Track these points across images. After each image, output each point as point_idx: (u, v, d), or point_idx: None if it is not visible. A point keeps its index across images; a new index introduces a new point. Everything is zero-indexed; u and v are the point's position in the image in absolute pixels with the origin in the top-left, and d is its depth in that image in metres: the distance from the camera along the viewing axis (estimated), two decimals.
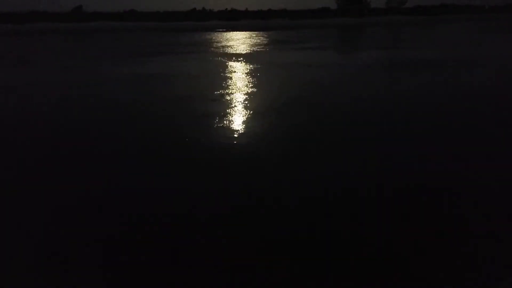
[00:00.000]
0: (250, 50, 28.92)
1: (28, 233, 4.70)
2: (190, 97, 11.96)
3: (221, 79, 15.37)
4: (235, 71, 17.45)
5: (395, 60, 20.26)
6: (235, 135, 8.06)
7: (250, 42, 39.86)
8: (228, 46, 33.37)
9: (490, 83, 13.24)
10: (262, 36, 50.50)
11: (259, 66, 19.18)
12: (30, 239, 4.58)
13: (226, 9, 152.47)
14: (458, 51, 24.27)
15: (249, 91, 12.78)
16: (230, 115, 9.65)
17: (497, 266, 3.81)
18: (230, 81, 14.74)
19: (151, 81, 15.32)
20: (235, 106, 10.61)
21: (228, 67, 19.08)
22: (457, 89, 12.28)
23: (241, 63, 20.76)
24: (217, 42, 41.03)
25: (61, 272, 3.92)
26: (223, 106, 10.59)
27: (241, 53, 26.21)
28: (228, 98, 11.72)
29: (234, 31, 73.07)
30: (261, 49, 29.53)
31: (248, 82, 14.60)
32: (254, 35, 53.35)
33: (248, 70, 17.71)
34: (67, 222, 4.93)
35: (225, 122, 9.03)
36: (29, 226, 4.87)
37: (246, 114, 9.78)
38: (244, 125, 8.89)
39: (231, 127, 8.58)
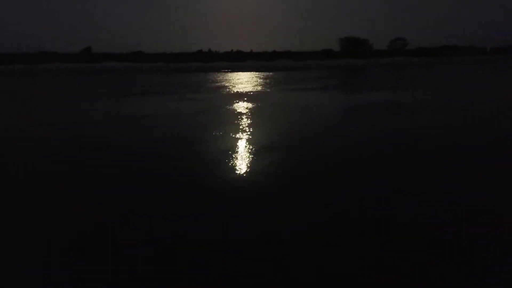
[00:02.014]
0: (252, 90, 28.38)
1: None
2: (169, 139, 10.87)
3: (220, 118, 14.41)
4: (236, 111, 16.50)
5: (386, 102, 19.40)
6: (237, 172, 6.97)
7: (252, 82, 39.62)
8: (231, 86, 32.96)
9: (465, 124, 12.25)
10: (266, 77, 50.59)
11: (259, 105, 18.29)
12: None
13: (232, 50, 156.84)
14: (446, 93, 23.64)
15: (245, 131, 11.68)
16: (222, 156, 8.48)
17: None
18: (229, 121, 13.76)
19: (151, 121, 14.42)
20: (228, 146, 9.46)
21: (229, 106, 18.21)
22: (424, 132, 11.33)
23: (243, 102, 19.95)
24: (220, 82, 40.83)
25: None
26: (215, 147, 9.44)
27: (243, 93, 25.58)
28: (224, 138, 10.61)
29: (239, 71, 73.96)
30: (263, 89, 28.94)
31: (245, 122, 13.58)
32: (258, 76, 53.56)
33: (248, 110, 16.79)
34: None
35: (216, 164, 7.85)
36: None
37: (237, 155, 8.60)
38: (240, 164, 7.72)
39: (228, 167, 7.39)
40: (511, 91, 24.89)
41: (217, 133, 12.03)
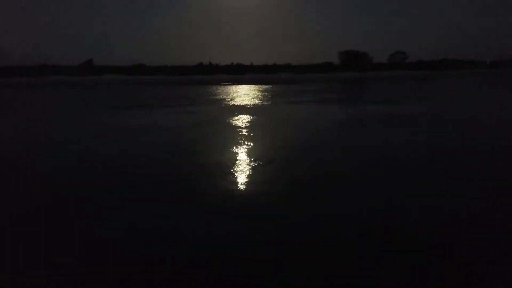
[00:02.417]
0: (251, 103, 28.15)
1: None
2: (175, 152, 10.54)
3: (216, 131, 14.12)
4: (233, 124, 16.20)
5: (382, 115, 19.12)
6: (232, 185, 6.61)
7: (252, 95, 39.47)
8: (230, 99, 32.73)
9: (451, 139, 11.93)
10: (266, 90, 50.47)
11: (257, 118, 17.99)
12: None
13: (232, 63, 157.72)
14: (440, 106, 23.51)
15: (241, 144, 11.34)
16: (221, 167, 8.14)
17: None
18: (225, 134, 13.46)
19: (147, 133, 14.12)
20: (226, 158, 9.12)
21: (227, 119, 17.92)
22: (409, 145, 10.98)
23: (241, 115, 19.62)
24: (219, 95, 40.68)
25: None
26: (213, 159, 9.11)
27: (241, 106, 25.31)
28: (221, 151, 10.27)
29: (239, 84, 74.09)
30: (262, 102, 28.68)
31: (241, 135, 13.24)
32: (258, 89, 53.46)
33: (246, 123, 16.48)
34: None
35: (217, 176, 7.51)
36: None
37: (234, 167, 8.26)
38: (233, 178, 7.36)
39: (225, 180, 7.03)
40: (503, 105, 24.70)
41: (212, 147, 11.73)
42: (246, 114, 20.94)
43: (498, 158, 9.94)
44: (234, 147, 11.60)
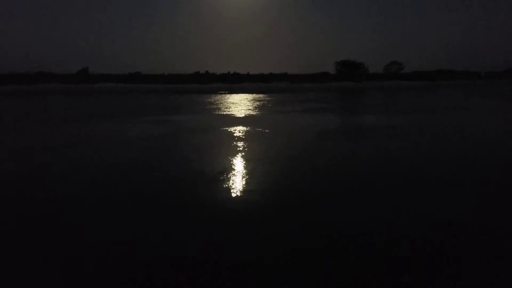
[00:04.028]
0: (245, 112, 27.93)
1: None
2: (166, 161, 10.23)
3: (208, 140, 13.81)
4: (228, 133, 15.89)
5: (375, 125, 18.85)
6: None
7: (247, 104, 39.27)
8: (225, 108, 32.47)
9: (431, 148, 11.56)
10: (262, 99, 50.22)
11: (251, 126, 17.72)
12: None
13: (229, 72, 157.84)
14: (433, 117, 23.28)
15: (236, 152, 11.03)
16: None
17: None
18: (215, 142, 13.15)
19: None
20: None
21: (219, 126, 17.60)
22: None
23: (235, 125, 19.35)
24: (213, 104, 40.43)
25: None
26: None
27: (235, 115, 25.07)
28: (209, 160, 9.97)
29: (235, 93, 74.00)
30: (257, 111, 28.42)
31: (236, 144, 12.95)
32: (254, 98, 53.27)
33: (240, 133, 16.20)
34: None
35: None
36: None
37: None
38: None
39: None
40: (491, 116, 24.52)
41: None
42: (241, 123, 20.65)
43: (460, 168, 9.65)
44: (194, 159, 11.29)
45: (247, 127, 18.64)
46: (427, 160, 10.84)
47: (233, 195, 7.73)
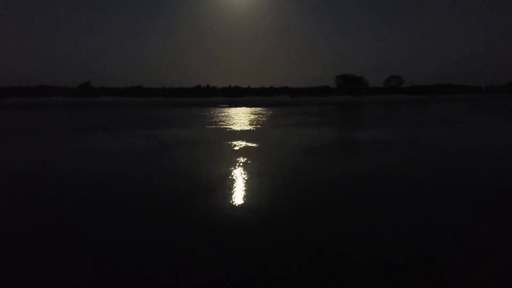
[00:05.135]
0: (247, 125, 27.91)
1: None
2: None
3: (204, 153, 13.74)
4: (226, 147, 15.84)
5: (374, 140, 18.76)
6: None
7: (243, 117, 39.33)
8: (219, 122, 32.50)
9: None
10: (263, 112, 50.32)
11: (253, 140, 17.67)
12: None
13: (230, 86, 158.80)
14: (429, 131, 23.10)
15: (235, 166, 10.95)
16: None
17: None
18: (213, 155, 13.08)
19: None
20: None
21: (206, 140, 17.56)
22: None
23: (227, 141, 19.31)
24: (209, 117, 40.50)
25: None
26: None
27: (226, 128, 25.06)
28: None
29: (236, 106, 74.27)
30: (258, 125, 28.42)
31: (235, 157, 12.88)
32: (251, 111, 53.39)
33: (241, 146, 16.15)
34: None
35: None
36: None
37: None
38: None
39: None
40: (485, 132, 24.42)
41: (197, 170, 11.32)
42: (243, 137, 20.61)
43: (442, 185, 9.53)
44: (168, 175, 11.21)
45: (235, 141, 18.58)
46: (409, 176, 10.73)
47: (199, 215, 7.63)
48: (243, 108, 67.40)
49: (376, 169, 11.59)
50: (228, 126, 27.78)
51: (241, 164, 12.43)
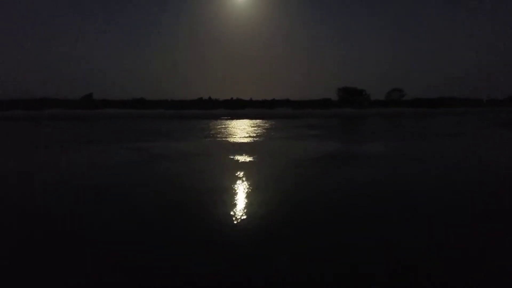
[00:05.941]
0: (248, 138, 27.73)
1: None
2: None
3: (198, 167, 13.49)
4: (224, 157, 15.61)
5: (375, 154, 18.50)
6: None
7: (244, 129, 39.20)
8: (217, 134, 32.30)
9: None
10: (264, 124, 50.24)
11: (254, 153, 17.44)
12: None
13: (232, 98, 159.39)
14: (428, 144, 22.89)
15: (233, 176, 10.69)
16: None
17: None
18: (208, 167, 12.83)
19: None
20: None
21: (200, 153, 17.32)
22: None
23: (223, 153, 19.09)
24: (208, 129, 40.39)
25: None
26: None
27: (224, 140, 24.84)
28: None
29: (238, 119, 74.32)
30: (260, 137, 28.19)
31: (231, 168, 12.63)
32: (252, 123, 53.33)
33: (241, 159, 15.91)
34: None
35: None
36: None
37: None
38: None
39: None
40: (481, 143, 24.15)
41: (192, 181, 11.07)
42: (243, 150, 20.39)
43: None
44: (154, 188, 10.97)
45: (232, 155, 18.34)
46: (400, 191, 10.43)
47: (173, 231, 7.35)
48: (245, 120, 67.40)
49: (372, 183, 11.30)
50: (226, 138, 27.59)
51: (234, 176, 12.16)
